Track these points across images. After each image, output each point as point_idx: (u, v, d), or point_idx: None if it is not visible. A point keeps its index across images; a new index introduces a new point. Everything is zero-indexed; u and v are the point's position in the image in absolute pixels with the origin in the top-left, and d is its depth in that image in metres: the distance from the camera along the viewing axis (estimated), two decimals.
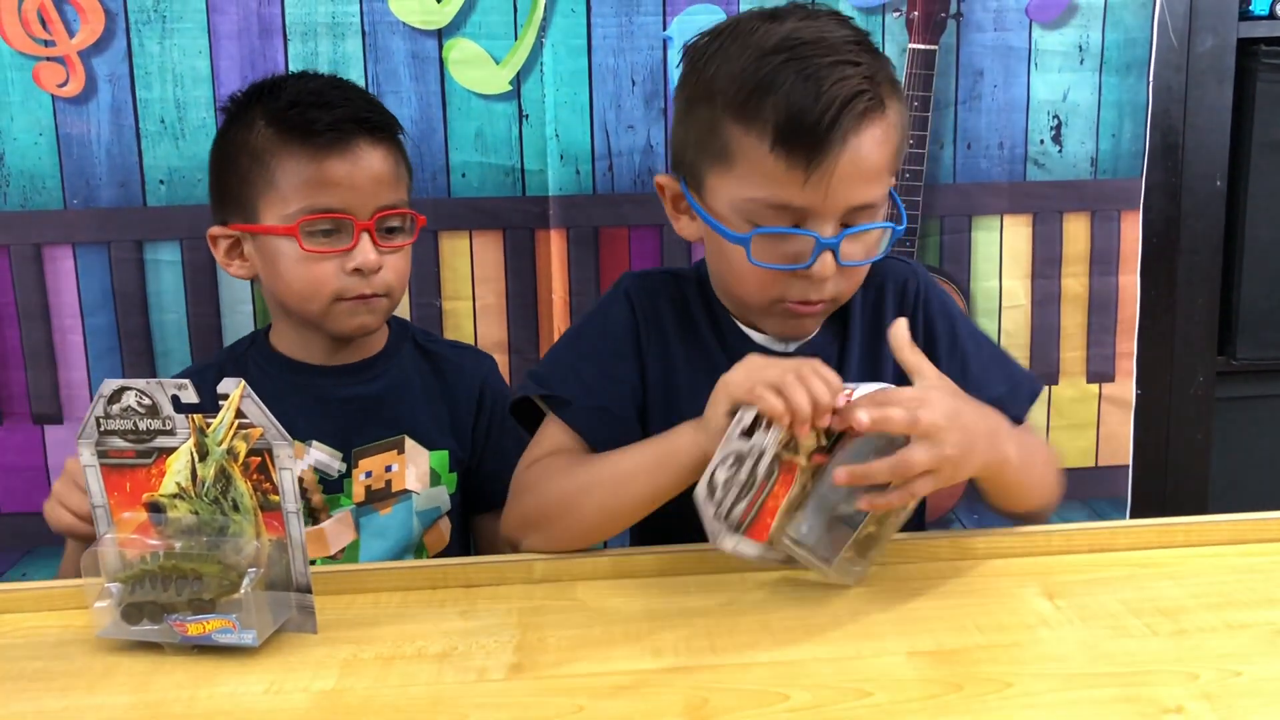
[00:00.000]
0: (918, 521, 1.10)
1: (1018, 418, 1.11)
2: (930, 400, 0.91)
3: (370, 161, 1.20)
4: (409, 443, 1.27)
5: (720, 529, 0.90)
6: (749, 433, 0.91)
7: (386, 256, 1.21)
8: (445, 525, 1.31)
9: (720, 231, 1.04)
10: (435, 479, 1.29)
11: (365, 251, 1.19)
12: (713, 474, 0.89)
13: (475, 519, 1.36)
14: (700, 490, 0.90)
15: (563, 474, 1.05)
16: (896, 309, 1.14)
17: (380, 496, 1.26)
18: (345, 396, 1.26)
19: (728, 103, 1.01)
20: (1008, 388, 1.13)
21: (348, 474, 1.25)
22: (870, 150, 1.00)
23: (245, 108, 1.24)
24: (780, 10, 1.05)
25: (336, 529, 1.24)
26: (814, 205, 1.00)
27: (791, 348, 1.12)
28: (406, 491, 1.27)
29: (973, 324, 1.22)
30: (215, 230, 1.25)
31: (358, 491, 1.25)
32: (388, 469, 1.27)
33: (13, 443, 1.53)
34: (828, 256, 1.01)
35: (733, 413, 0.92)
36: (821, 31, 1.01)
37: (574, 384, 1.10)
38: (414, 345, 1.33)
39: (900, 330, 0.99)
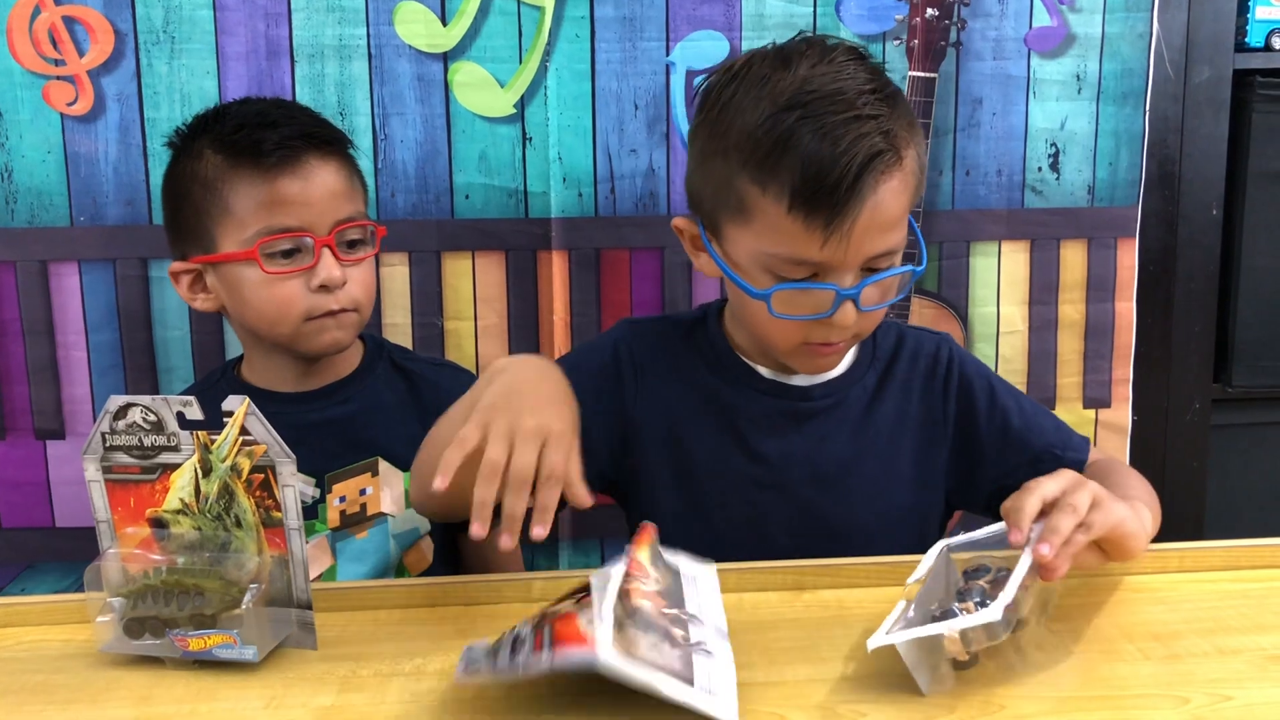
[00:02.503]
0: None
1: (1080, 462, 1.12)
2: (1044, 481, 0.89)
3: (322, 177, 1.20)
4: (382, 465, 1.27)
5: None
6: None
7: (350, 270, 1.21)
8: (427, 545, 1.31)
9: (740, 285, 1.04)
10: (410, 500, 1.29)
11: (328, 267, 1.19)
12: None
13: (460, 536, 1.36)
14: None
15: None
16: (925, 374, 1.16)
17: (355, 520, 1.26)
18: (317, 421, 1.25)
19: (744, 160, 0.99)
20: (1058, 436, 1.15)
21: (321, 499, 1.24)
22: (889, 202, 0.99)
23: (191, 139, 1.23)
24: (791, 51, 1.02)
25: (313, 554, 1.23)
26: (833, 261, 1.00)
27: (809, 381, 1.13)
28: (382, 514, 1.27)
29: (1009, 384, 1.21)
30: (175, 266, 1.24)
31: (332, 517, 1.25)
32: (362, 492, 1.26)
33: (14, 458, 1.54)
34: (848, 305, 1.01)
35: None
36: (838, 80, 0.98)
37: None
38: (390, 364, 1.33)
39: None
